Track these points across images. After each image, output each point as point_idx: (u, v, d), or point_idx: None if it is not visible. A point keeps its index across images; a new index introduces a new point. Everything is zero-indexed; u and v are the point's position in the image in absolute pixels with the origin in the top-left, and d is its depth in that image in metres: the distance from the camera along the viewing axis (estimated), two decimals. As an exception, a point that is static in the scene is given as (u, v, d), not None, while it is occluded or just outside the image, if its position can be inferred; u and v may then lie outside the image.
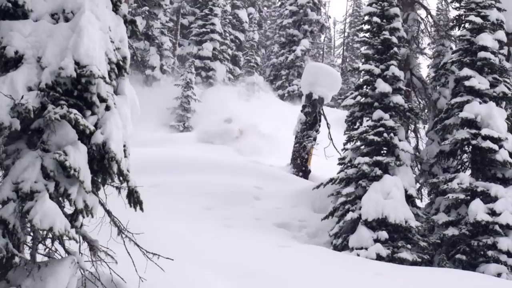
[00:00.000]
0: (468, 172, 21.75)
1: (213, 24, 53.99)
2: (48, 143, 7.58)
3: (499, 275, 18.81)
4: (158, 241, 12.54)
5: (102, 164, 8.00)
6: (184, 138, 37.56)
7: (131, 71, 30.03)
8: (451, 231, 20.02)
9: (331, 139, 27.87)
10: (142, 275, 8.51)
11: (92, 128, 7.78)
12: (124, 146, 8.26)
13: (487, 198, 20.00)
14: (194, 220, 19.10)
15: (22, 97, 7.55)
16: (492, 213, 19.61)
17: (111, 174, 8.09)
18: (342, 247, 19.87)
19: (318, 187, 22.59)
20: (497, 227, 19.49)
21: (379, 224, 19.51)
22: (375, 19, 21.91)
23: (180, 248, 13.71)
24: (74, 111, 7.61)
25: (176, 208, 20.31)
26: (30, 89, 7.68)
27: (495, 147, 20.28)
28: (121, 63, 8.51)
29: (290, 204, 22.71)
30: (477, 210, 19.60)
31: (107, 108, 8.11)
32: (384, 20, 21.94)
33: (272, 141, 36.13)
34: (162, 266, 8.72)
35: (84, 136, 7.85)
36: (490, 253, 19.35)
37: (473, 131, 20.62)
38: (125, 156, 8.28)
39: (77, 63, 7.72)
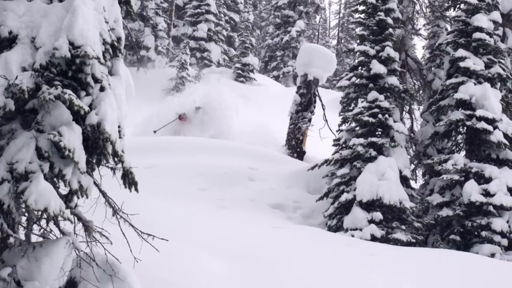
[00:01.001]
0: (463, 153, 21.81)
1: (208, 4, 53.83)
2: (42, 123, 7.57)
3: (492, 255, 18.91)
4: (153, 222, 12.58)
5: (97, 145, 8.00)
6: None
7: (125, 52, 29.92)
8: (445, 212, 20.10)
9: (326, 120, 27.88)
10: (137, 256, 8.54)
11: (87, 108, 7.77)
12: (119, 127, 8.25)
13: (481, 179, 20.07)
14: (189, 201, 19.12)
15: (16, 78, 7.52)
16: (486, 194, 19.69)
17: (105, 155, 8.08)
18: (337, 228, 19.94)
19: (312, 168, 22.62)
20: (491, 208, 19.56)
21: (373, 205, 19.56)
22: (370, 0, 21.86)
23: (175, 229, 13.74)
24: (69, 91, 7.59)
25: (171, 189, 20.33)
26: (24, 69, 7.65)
27: (490, 128, 20.32)
28: (115, 43, 8.48)
29: (284, 185, 22.73)
30: (471, 191, 19.67)
31: (102, 89, 8.09)
32: (379, 1, 21.89)
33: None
34: (156, 247, 8.74)
35: (79, 117, 7.83)
36: (484, 233, 19.44)
37: (468, 112, 20.65)
38: (120, 137, 8.27)
39: (71, 44, 7.70)
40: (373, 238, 18.85)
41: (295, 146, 28.59)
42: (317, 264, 13.57)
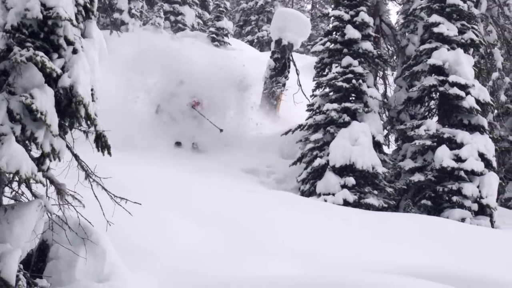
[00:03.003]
0: (435, 118, 21.98)
1: (182, -33, 53.24)
2: (14, 85, 7.48)
3: (463, 220, 19.16)
4: (126, 186, 12.53)
5: (70, 108, 7.92)
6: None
7: (98, 14, 29.53)
8: (417, 177, 20.28)
9: (300, 85, 27.84)
10: (110, 219, 8.51)
11: (59, 71, 7.68)
12: (92, 90, 8.17)
13: (453, 144, 20.24)
14: (163, 166, 19.08)
15: (-13, 39, 7.42)
16: (458, 159, 19.88)
17: (78, 118, 8.01)
18: (310, 192, 20.06)
19: (286, 133, 22.68)
20: (462, 173, 19.77)
21: (346, 170, 19.68)
22: (345, -36, 21.77)
23: (149, 193, 13.72)
24: (41, 53, 7.50)
25: (146, 154, 20.26)
26: (-5, 30, 7.55)
27: (462, 93, 20.45)
28: (88, 5, 8.37)
29: (258, 150, 22.77)
30: (443, 156, 19.84)
31: (74, 51, 7.99)
32: (354, -34, 21.80)
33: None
34: (130, 211, 8.72)
35: (51, 80, 7.75)
36: (454, 198, 19.67)
37: (441, 77, 20.77)
38: (93, 100, 8.20)
39: (43, 5, 7.59)
40: (346, 203, 19.00)
41: (269, 110, 28.57)
42: (291, 229, 13.65)
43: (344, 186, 19.43)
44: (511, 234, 17.17)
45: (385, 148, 23.03)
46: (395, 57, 26.85)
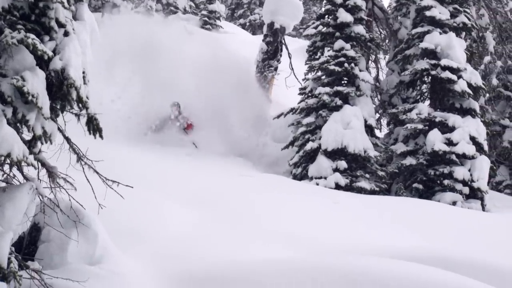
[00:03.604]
0: (427, 102, 22.02)
1: (174, -51, 52.97)
2: (5, 68, 7.47)
3: (454, 203, 19.23)
4: (118, 169, 12.53)
5: (61, 90, 7.91)
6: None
7: (90, -4, 29.26)
8: (409, 161, 20.32)
9: (292, 69, 27.78)
10: (102, 203, 8.52)
11: (51, 53, 7.67)
12: (84, 72, 8.16)
13: (445, 128, 20.28)
14: (155, 150, 19.07)
15: (-22, 21, 7.40)
16: (449, 143, 19.93)
17: (70, 100, 8.00)
18: (302, 176, 20.09)
19: (278, 117, 22.65)
20: (453, 157, 19.82)
21: (338, 154, 19.70)
22: None
23: (141, 177, 13.72)
24: (32, 36, 7.48)
25: (136, 138, 20.21)
26: (-15, 13, 7.52)
27: (454, 77, 20.48)
28: (79, -13, 8.35)
29: (250, 133, 22.73)
30: (435, 140, 19.89)
31: (66, 34, 7.97)
32: (347, -52, 21.73)
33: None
34: (122, 194, 8.73)
35: (43, 62, 7.73)
36: (446, 182, 19.73)
37: (433, 61, 20.77)
38: (85, 83, 8.19)
39: (34, -13, 7.57)
40: (337, 187, 19.04)
41: (261, 94, 28.52)
42: (283, 213, 13.68)
43: (336, 170, 19.46)
44: (502, 217, 17.26)
45: (377, 132, 23.06)
46: (387, 40, 26.82)
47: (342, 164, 19.50)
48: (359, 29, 21.29)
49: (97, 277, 8.14)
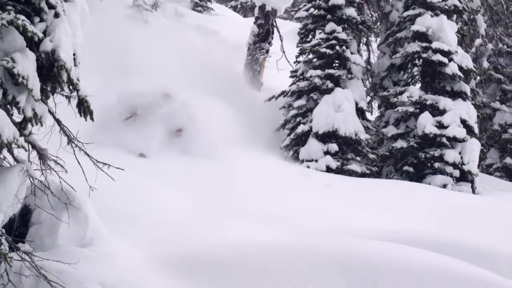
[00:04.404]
0: (418, 85, 22.04)
1: None
2: (-5, 49, 7.44)
3: (444, 186, 19.29)
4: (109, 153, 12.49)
5: (52, 72, 7.87)
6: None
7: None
8: (400, 144, 20.36)
9: (284, 51, 27.73)
10: (92, 185, 8.50)
11: (41, 35, 7.63)
12: (74, 54, 8.12)
13: (436, 111, 20.31)
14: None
15: (-33, 2, 7.35)
16: (440, 125, 19.96)
17: (60, 82, 7.96)
18: (293, 159, 20.09)
19: (269, 99, 22.61)
20: (444, 140, 19.87)
21: (329, 136, 19.72)
22: None
23: (131, 161, 13.72)
24: (22, 17, 7.44)
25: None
26: (-25, -6, 7.48)
27: (445, 60, 20.48)
28: (69, -32, 8.29)
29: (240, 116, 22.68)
30: (426, 123, 19.93)
31: (56, 15, 7.93)
32: None
33: None
34: (113, 177, 8.70)
35: (33, 44, 7.69)
36: (436, 165, 19.78)
37: (424, 44, 20.77)
38: (75, 65, 8.15)
39: (24, -32, 7.53)
40: (329, 169, 19.06)
41: (252, 77, 28.47)
42: (274, 194, 13.72)
43: (327, 153, 19.48)
44: (492, 200, 17.35)
45: (368, 115, 23.07)
46: (378, 23, 26.78)
47: (333, 147, 19.51)
48: (351, 11, 21.24)
49: (87, 259, 8.13)
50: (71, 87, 8.08)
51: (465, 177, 20.00)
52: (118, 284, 7.88)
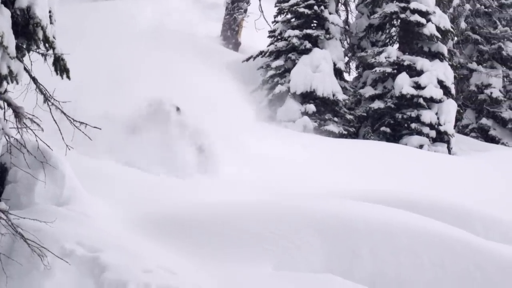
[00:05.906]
0: (396, 46, 22.05)
1: None
2: (-32, 6, 7.33)
3: (421, 146, 19.42)
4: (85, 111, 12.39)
5: (27, 30, 7.78)
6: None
7: None
8: (377, 104, 20.43)
9: (262, 11, 27.61)
10: (69, 144, 8.42)
11: (16, -9, 7.53)
12: (50, 12, 8.02)
13: (413, 71, 20.38)
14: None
15: None
16: (417, 86, 20.05)
17: (36, 40, 7.86)
18: (271, 119, 20.08)
19: (247, 59, 22.54)
20: (421, 100, 19.97)
21: (307, 97, 19.73)
22: None
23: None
24: (-4, -27, 7.34)
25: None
26: None
27: (423, 20, 20.50)
28: None
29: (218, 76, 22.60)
30: (403, 84, 19.99)
31: (31, -29, 7.83)
32: None
33: None
34: (90, 136, 8.62)
35: (8, 0, 7.59)
36: (413, 125, 19.90)
37: (402, 4, 20.76)
38: (51, 23, 8.05)
39: None
40: (306, 130, 19.09)
41: (231, 37, 28.34)
42: (251, 157, 13.70)
43: (304, 113, 19.51)
44: (467, 160, 17.48)
45: (345, 76, 23.10)
46: (357, -17, 26.67)
47: (311, 107, 19.54)
48: (329, -29, 21.15)
49: (64, 218, 8.09)
50: (47, 44, 7.98)
51: (441, 137, 20.15)
52: (96, 244, 7.86)
